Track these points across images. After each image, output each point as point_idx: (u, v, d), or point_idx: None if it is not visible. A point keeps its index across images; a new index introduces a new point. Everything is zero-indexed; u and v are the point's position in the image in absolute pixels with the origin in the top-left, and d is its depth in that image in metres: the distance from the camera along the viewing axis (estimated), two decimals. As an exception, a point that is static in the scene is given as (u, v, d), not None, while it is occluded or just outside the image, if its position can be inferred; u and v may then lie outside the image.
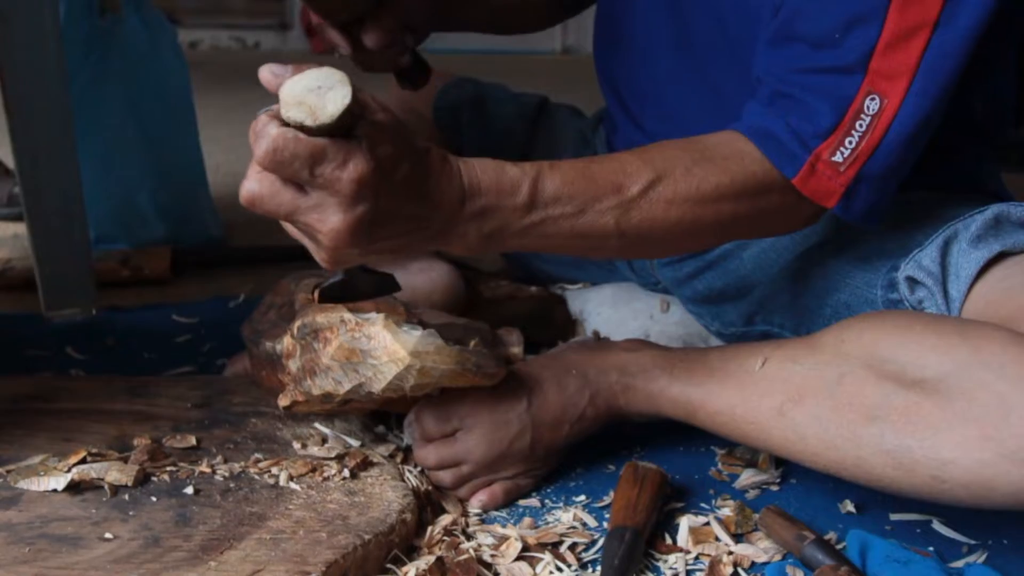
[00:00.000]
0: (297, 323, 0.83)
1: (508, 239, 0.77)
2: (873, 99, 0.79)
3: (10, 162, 1.48)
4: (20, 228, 1.48)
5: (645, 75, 1.09)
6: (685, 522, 0.85)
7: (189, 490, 0.78)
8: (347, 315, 0.80)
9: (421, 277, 1.14)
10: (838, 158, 0.80)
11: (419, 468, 0.89)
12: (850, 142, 0.79)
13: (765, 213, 0.84)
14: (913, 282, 0.86)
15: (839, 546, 0.82)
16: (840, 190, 0.81)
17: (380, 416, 0.98)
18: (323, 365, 0.80)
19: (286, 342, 0.84)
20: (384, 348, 0.77)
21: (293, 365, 0.83)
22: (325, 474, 0.82)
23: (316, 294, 0.78)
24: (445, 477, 0.87)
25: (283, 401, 0.84)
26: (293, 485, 0.80)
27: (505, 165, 0.76)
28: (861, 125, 0.79)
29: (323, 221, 0.66)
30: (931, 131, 0.82)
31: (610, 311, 1.23)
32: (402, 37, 1.11)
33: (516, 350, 1.00)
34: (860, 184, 0.81)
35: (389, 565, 0.75)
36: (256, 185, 0.66)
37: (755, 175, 0.81)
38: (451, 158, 0.74)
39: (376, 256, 0.73)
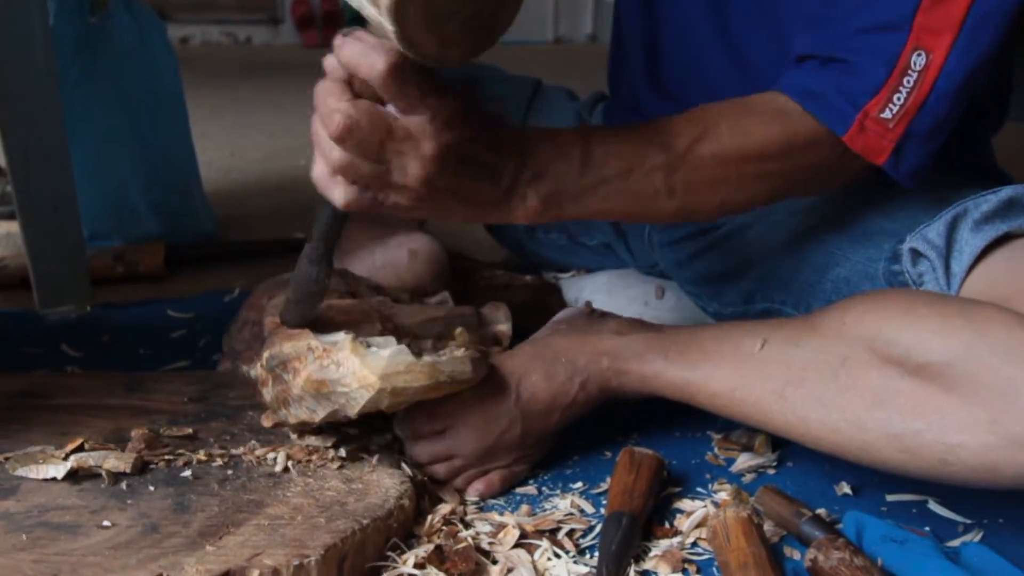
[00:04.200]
0: (266, 354, 0.82)
1: (566, 204, 0.79)
2: (919, 55, 0.79)
3: (1, 160, 1.48)
4: (13, 227, 1.47)
5: (677, 40, 1.09)
6: (682, 507, 0.86)
7: (186, 478, 0.79)
8: (313, 342, 0.79)
9: (400, 251, 1.14)
10: (887, 115, 0.80)
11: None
12: (898, 98, 0.80)
13: (813, 169, 0.85)
14: (916, 254, 0.85)
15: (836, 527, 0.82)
16: (890, 147, 0.81)
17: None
18: (295, 395, 0.80)
19: (259, 370, 0.84)
20: (353, 374, 0.77)
21: (267, 395, 0.83)
22: (322, 462, 0.82)
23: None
24: (439, 470, 0.87)
25: (267, 422, 0.86)
26: (290, 473, 0.80)
27: (555, 129, 0.79)
28: (908, 81, 0.80)
29: (416, 145, 0.71)
30: (975, 90, 0.82)
31: (605, 298, 1.23)
32: None
33: (503, 327, 0.99)
34: (908, 141, 0.81)
35: (388, 552, 0.75)
36: (352, 110, 0.69)
37: (801, 132, 0.82)
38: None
39: (451, 198, 0.76)
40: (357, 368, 0.77)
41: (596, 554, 0.77)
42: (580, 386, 0.88)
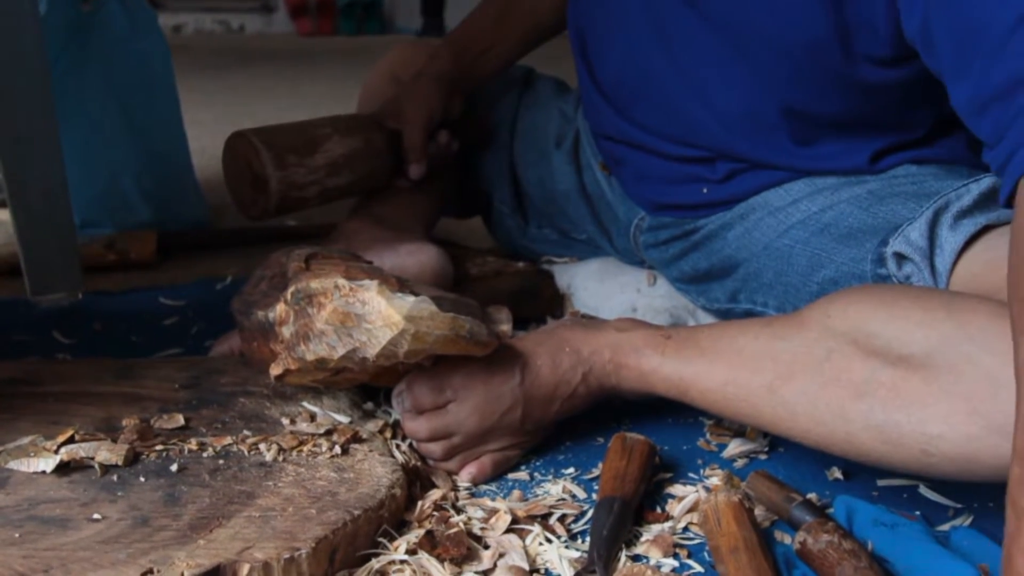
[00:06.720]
0: (291, 289, 0.83)
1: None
2: None
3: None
4: (4, 214, 1.47)
5: (628, 64, 1.09)
6: (674, 492, 0.86)
7: (177, 469, 0.78)
8: (341, 281, 0.80)
9: (410, 260, 1.14)
10: None
11: (408, 442, 0.89)
12: None
13: None
14: (901, 257, 0.85)
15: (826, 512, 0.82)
16: None
17: (368, 393, 0.98)
18: (317, 330, 0.80)
19: (279, 309, 0.84)
20: (379, 312, 0.78)
21: (287, 331, 0.83)
22: (314, 450, 0.82)
23: None
24: (435, 449, 0.88)
25: (275, 370, 0.84)
26: (282, 462, 0.80)
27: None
28: None
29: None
30: None
31: (597, 285, 1.23)
32: (434, 144, 1.21)
33: (505, 327, 1.00)
34: None
35: (380, 539, 0.75)
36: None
37: None
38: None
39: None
40: (383, 307, 0.78)
41: (588, 539, 0.77)
42: (582, 377, 0.88)
